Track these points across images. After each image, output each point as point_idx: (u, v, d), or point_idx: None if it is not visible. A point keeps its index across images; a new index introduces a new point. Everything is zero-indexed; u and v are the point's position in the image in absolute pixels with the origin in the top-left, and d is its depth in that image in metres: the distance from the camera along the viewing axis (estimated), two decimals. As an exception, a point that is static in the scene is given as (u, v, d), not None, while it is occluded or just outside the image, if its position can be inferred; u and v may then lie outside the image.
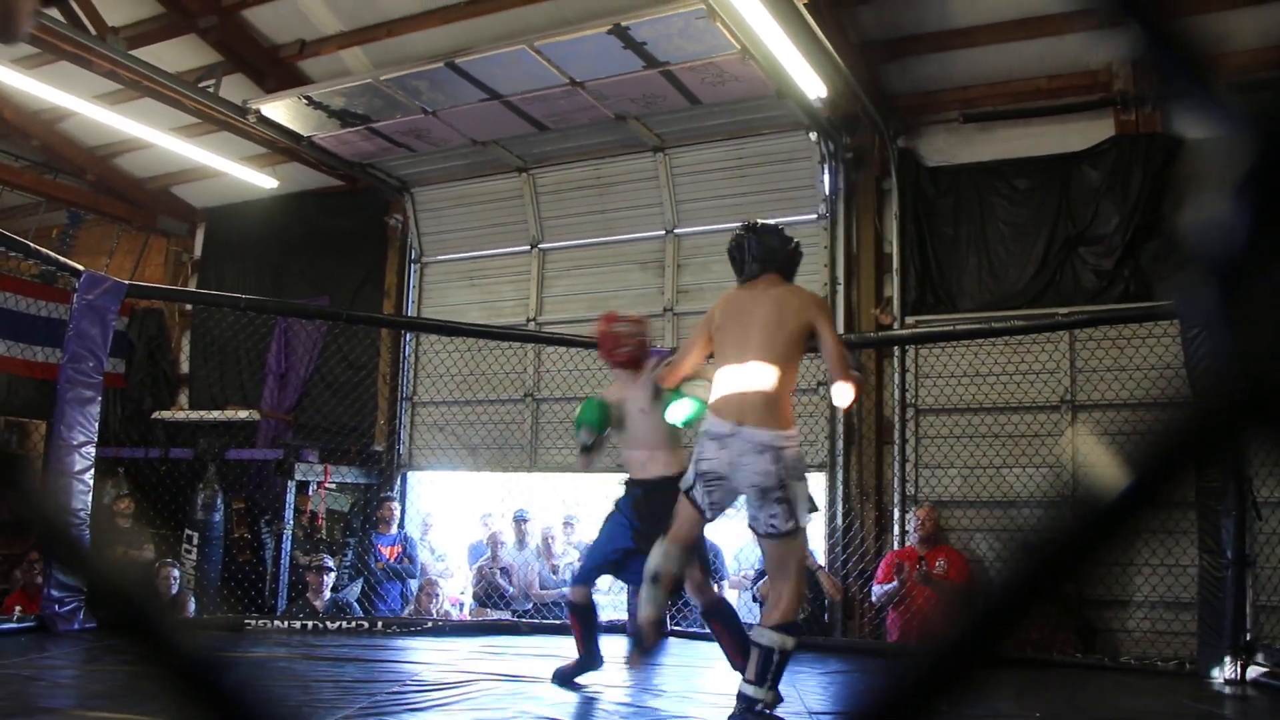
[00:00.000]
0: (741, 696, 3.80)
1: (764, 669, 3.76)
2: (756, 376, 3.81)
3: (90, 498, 6.08)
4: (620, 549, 4.85)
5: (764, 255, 4.12)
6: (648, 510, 4.70)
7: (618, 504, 5.01)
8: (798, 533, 3.81)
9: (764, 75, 6.85)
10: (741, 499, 3.95)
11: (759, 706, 3.77)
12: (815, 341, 4.02)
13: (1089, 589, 6.61)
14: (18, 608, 6.06)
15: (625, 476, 5.05)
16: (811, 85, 6.68)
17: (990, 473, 7.23)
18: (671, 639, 6.74)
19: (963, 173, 7.76)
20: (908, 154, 7.91)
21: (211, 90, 8.00)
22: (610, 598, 8.56)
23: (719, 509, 3.96)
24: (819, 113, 7.41)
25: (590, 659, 4.99)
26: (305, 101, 7.88)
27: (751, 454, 3.71)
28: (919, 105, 7.88)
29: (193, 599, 7.46)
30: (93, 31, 7.08)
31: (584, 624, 5.02)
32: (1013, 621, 0.58)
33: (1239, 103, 0.58)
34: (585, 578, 5.10)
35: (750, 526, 3.90)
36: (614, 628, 6.42)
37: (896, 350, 7.66)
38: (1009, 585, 0.59)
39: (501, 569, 8.30)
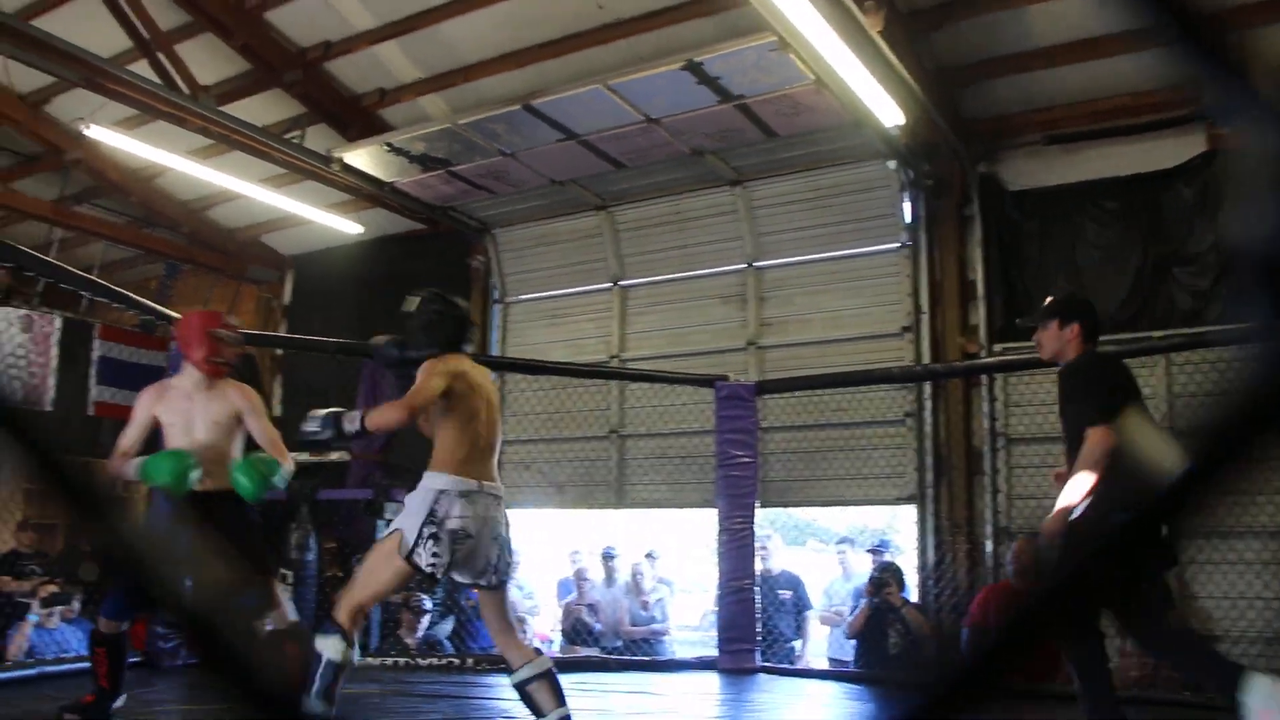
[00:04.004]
0: None
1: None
2: (491, 444, 4.05)
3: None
4: None
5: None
6: (206, 524, 4.32)
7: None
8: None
9: (839, 105, 6.80)
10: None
11: None
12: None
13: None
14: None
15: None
16: (888, 113, 6.60)
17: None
18: (762, 675, 6.64)
19: (1047, 196, 7.60)
20: (989, 179, 7.77)
21: (297, 141, 8.23)
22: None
23: (452, 568, 3.80)
24: (897, 140, 7.32)
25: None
26: (386, 148, 8.05)
27: (495, 508, 3.91)
28: (999, 129, 7.73)
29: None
30: (186, 91, 7.34)
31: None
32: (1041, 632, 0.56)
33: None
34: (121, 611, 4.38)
35: (477, 584, 3.94)
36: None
37: (985, 379, 7.49)
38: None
39: (588, 605, 8.29)
